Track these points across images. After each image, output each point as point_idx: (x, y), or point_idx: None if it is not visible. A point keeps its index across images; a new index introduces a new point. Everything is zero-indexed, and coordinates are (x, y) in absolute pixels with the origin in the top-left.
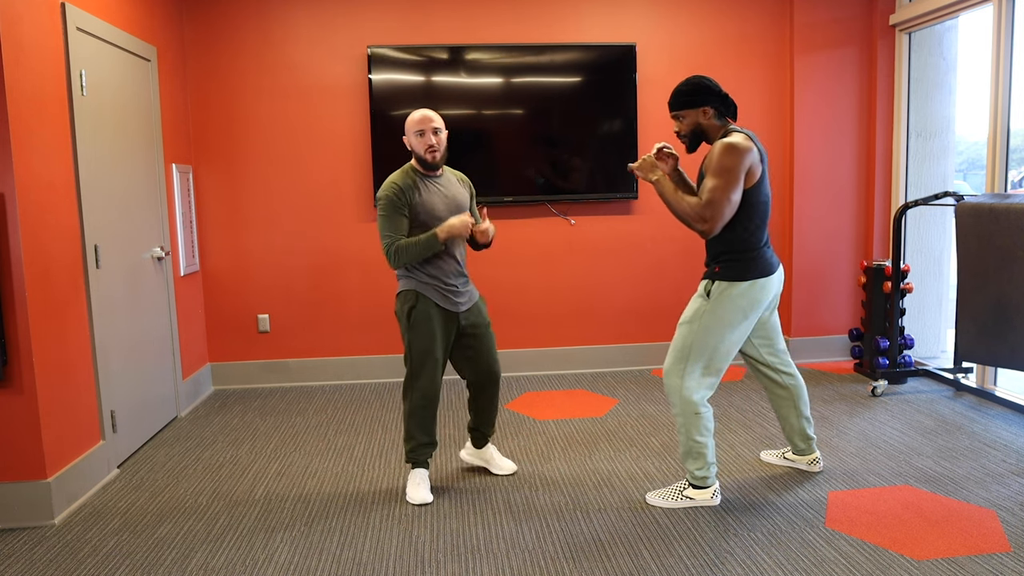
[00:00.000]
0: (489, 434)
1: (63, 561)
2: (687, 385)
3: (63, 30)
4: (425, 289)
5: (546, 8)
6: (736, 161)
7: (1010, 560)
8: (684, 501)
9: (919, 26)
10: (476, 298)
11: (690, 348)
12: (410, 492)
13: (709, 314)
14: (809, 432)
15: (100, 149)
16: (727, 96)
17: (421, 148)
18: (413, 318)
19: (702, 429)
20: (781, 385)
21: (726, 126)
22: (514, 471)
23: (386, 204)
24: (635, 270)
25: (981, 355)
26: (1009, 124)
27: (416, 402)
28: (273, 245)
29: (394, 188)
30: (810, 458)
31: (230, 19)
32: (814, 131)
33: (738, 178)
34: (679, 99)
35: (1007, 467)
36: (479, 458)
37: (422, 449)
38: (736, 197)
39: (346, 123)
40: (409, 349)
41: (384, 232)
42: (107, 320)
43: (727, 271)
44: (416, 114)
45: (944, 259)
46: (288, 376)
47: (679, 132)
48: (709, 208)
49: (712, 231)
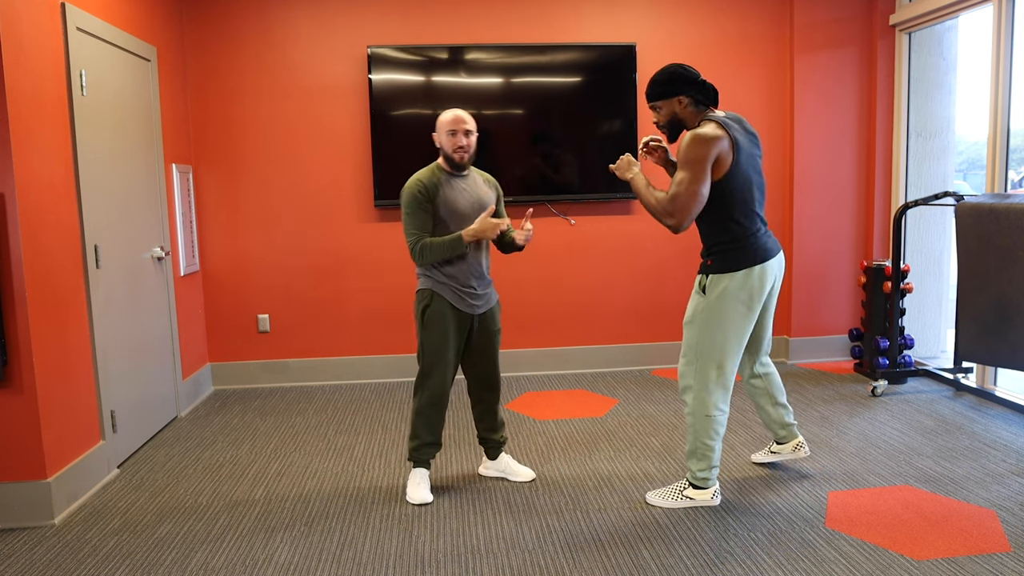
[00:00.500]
0: (500, 442)
1: (63, 561)
2: (700, 387)
3: (63, 30)
4: (441, 289)
5: (546, 8)
6: (701, 152)
7: (1010, 560)
8: (684, 501)
9: (919, 26)
10: (494, 302)
11: (696, 349)
12: (410, 492)
13: (707, 310)
14: (787, 419)
15: (100, 149)
16: (704, 83)
17: (450, 147)
18: (427, 317)
19: (711, 432)
20: (755, 375)
21: (704, 113)
22: (532, 478)
23: (410, 200)
24: (635, 270)
25: (981, 355)
26: (1009, 124)
27: (424, 401)
28: (273, 245)
29: (419, 185)
30: (793, 443)
31: (230, 19)
32: (814, 131)
33: (704, 170)
34: (654, 89)
35: (1007, 467)
36: (496, 470)
37: (425, 449)
38: (704, 190)
39: (346, 123)
40: (421, 348)
41: (409, 229)
42: (107, 320)
43: (719, 263)
44: (449, 113)
45: (944, 259)
46: (288, 376)
47: (658, 123)
48: (673, 203)
49: (680, 226)
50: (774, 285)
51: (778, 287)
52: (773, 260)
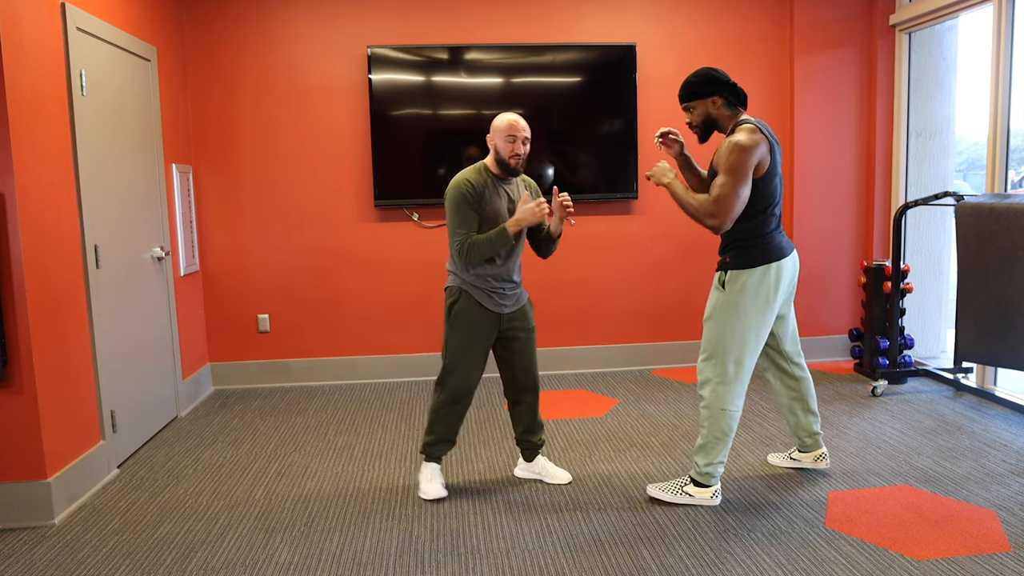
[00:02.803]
0: (537, 444)
1: (63, 561)
2: (718, 380)
3: (63, 30)
4: (470, 288)
5: (546, 8)
6: (744, 159)
7: (1010, 560)
8: (683, 497)
9: (919, 26)
10: (524, 302)
11: (716, 344)
12: (423, 487)
13: (727, 305)
14: (815, 428)
15: (100, 149)
16: (736, 85)
17: (508, 153)
18: (454, 314)
19: (725, 427)
20: (792, 376)
21: (737, 115)
22: (569, 480)
23: (460, 200)
24: (635, 270)
25: (981, 355)
26: (1009, 124)
27: (444, 399)
28: (273, 245)
29: (467, 185)
30: (816, 454)
31: (230, 19)
32: (814, 131)
33: (746, 175)
34: (689, 90)
35: (1007, 467)
36: (531, 472)
37: (440, 445)
38: (745, 193)
39: (346, 123)
40: (446, 345)
41: (456, 228)
42: (107, 320)
43: (738, 259)
44: (510, 118)
45: (944, 259)
46: (288, 376)
47: (691, 123)
48: (717, 204)
49: (722, 227)
50: (791, 284)
51: (795, 287)
52: (788, 259)
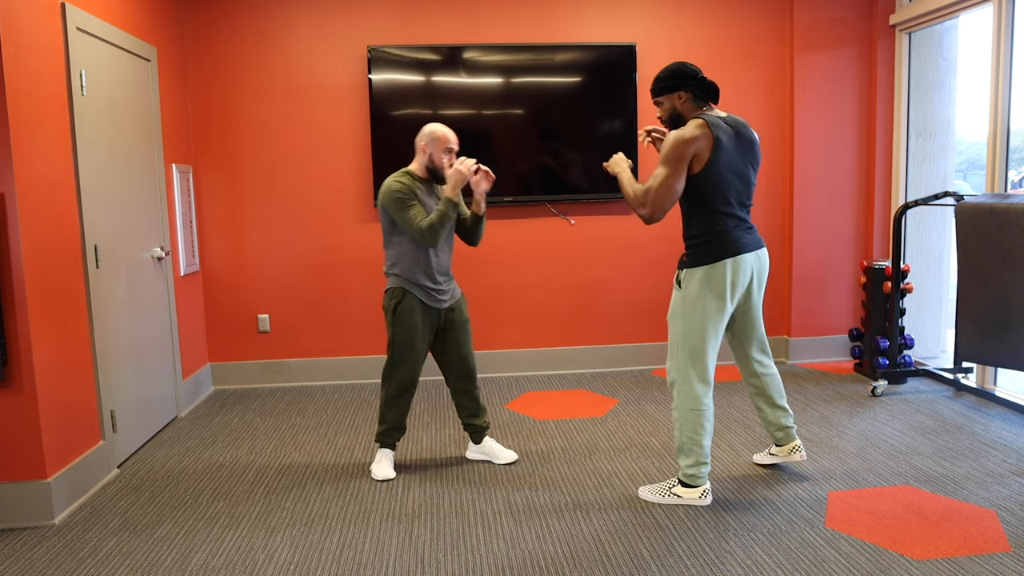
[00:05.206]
0: (482, 426)
1: (63, 561)
2: (683, 381)
3: (63, 30)
4: (411, 287)
5: (546, 8)
6: (679, 151)
7: (1010, 560)
8: (672, 498)
9: (919, 26)
10: (458, 295)
11: (679, 343)
12: (375, 469)
13: (682, 303)
14: (784, 422)
15: (100, 149)
16: (705, 80)
17: (445, 163)
18: (399, 312)
19: (699, 427)
20: (754, 373)
21: (701, 109)
22: (515, 459)
23: (402, 198)
24: (635, 270)
25: (981, 355)
26: (1009, 124)
27: (393, 391)
28: (273, 245)
29: (403, 185)
30: (790, 447)
31: (230, 19)
32: (814, 131)
33: (679, 167)
34: (656, 85)
35: (1007, 467)
36: (481, 452)
37: (392, 433)
38: (678, 185)
39: (346, 123)
40: (392, 341)
41: (410, 220)
42: (107, 320)
43: (693, 256)
44: (445, 129)
45: (944, 259)
46: (288, 376)
47: (660, 117)
48: (647, 194)
49: (652, 217)
50: (753, 280)
51: (761, 283)
52: (749, 255)
